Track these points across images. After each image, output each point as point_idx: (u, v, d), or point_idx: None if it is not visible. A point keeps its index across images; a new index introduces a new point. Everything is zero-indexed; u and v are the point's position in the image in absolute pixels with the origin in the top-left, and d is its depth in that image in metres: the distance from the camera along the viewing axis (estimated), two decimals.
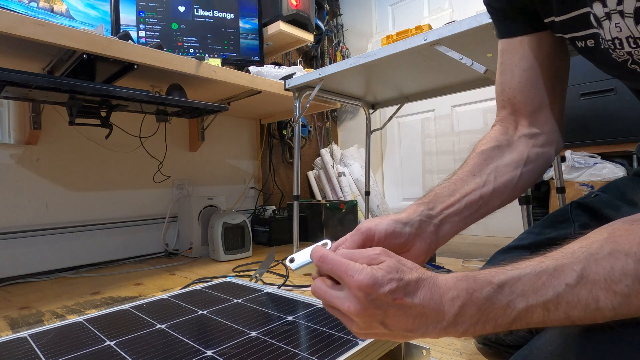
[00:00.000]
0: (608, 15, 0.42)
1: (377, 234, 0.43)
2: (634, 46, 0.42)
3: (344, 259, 0.35)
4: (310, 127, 2.61)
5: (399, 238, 0.43)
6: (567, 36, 0.49)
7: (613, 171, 1.64)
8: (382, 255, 0.35)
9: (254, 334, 0.62)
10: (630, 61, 0.44)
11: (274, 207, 2.21)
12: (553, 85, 0.54)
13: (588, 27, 0.45)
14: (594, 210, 0.57)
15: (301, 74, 1.57)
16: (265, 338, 0.59)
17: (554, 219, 0.61)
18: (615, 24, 0.41)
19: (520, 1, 0.52)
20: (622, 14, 0.40)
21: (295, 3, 1.82)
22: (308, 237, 2.04)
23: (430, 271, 0.35)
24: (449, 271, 1.10)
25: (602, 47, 0.45)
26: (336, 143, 2.78)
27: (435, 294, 0.33)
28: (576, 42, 0.49)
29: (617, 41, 0.43)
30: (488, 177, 0.52)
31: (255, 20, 1.75)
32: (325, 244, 0.42)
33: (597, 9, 0.42)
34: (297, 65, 2.22)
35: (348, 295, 0.34)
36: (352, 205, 2.12)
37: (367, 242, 0.42)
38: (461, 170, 0.53)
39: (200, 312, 0.74)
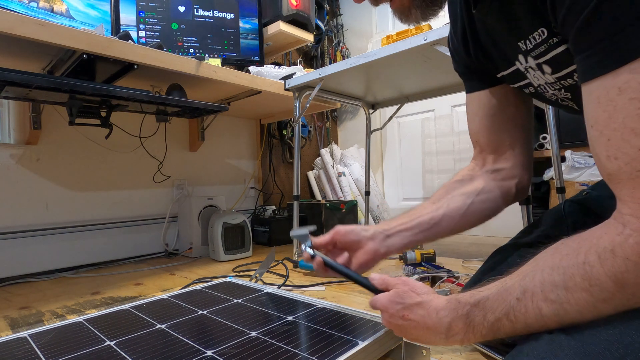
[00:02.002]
0: (526, 69, 0.52)
1: (341, 231, 0.62)
2: (553, 89, 0.52)
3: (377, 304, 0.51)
4: (310, 127, 2.60)
5: (355, 236, 0.61)
6: (515, 86, 0.59)
7: None
8: (400, 284, 0.50)
9: (254, 334, 0.62)
10: (559, 99, 0.54)
11: (274, 207, 2.21)
12: (510, 128, 0.63)
13: (523, 78, 0.55)
14: (585, 207, 0.61)
15: (301, 74, 1.57)
16: (265, 338, 0.59)
17: (548, 217, 0.65)
18: (533, 75, 0.52)
19: (475, 64, 0.62)
20: (532, 68, 0.51)
21: (295, 3, 1.82)
22: None
23: (432, 295, 0.47)
24: (449, 271, 1.10)
25: (538, 91, 0.56)
26: (336, 143, 2.78)
27: (431, 313, 0.45)
28: (523, 89, 0.58)
29: (541, 87, 0.54)
30: (442, 204, 0.63)
31: (255, 20, 1.75)
32: (311, 232, 0.64)
33: (519, 65, 0.53)
34: (297, 65, 2.22)
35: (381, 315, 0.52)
36: (352, 205, 2.12)
37: (335, 235, 0.62)
38: (426, 200, 0.67)
39: (200, 312, 0.74)
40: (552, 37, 0.44)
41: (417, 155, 2.45)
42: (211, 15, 1.64)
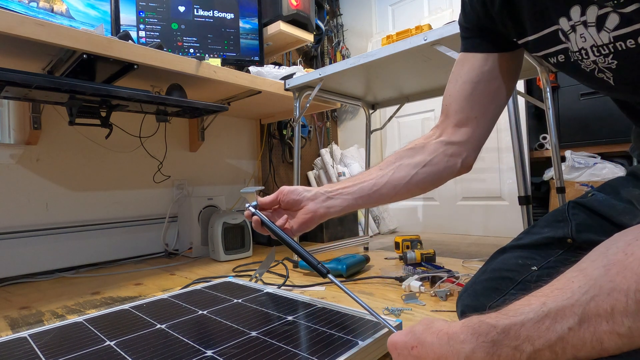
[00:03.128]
0: (573, 28, 0.46)
1: (284, 190, 0.64)
2: (597, 54, 0.46)
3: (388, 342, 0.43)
4: (310, 127, 2.60)
5: (297, 196, 0.63)
6: (540, 54, 0.54)
7: (613, 171, 1.64)
8: (419, 324, 0.42)
9: (254, 334, 0.62)
10: (597, 70, 0.48)
11: None
12: (485, 103, 0.61)
13: (557, 43, 0.50)
14: (590, 209, 0.59)
15: (301, 74, 1.57)
16: (265, 338, 0.59)
17: (551, 218, 0.63)
18: (580, 34, 0.46)
19: (487, 23, 0.57)
20: (585, 24, 0.44)
21: (295, 3, 1.82)
22: (308, 237, 2.04)
23: (446, 323, 0.39)
24: (449, 271, 1.10)
25: (572, 59, 0.50)
26: (336, 143, 2.78)
27: (443, 339, 0.37)
28: (549, 58, 0.54)
29: (583, 52, 0.48)
30: (387, 172, 0.63)
31: (255, 20, 1.75)
32: (259, 192, 0.68)
33: (564, 24, 0.47)
34: (297, 65, 2.22)
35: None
36: None
37: (279, 194, 0.64)
38: (375, 166, 0.67)
39: (200, 312, 0.74)
40: None
41: None
42: (211, 15, 1.64)
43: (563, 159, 1.76)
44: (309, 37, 1.96)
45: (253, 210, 0.65)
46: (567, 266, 0.37)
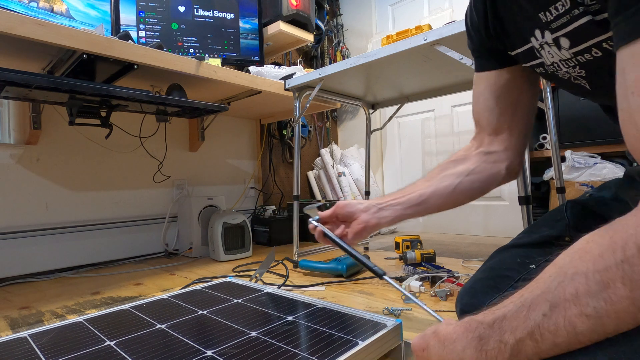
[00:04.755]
0: (541, 46, 0.52)
1: (340, 204, 0.70)
2: (567, 67, 0.51)
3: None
4: (310, 127, 2.60)
5: (351, 208, 0.69)
6: (527, 65, 0.59)
7: (613, 171, 1.64)
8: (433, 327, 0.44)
9: (254, 334, 0.62)
10: (572, 78, 0.53)
11: (274, 207, 2.21)
12: (511, 112, 0.64)
13: (534, 58, 0.56)
14: (587, 208, 0.61)
15: (301, 74, 1.57)
16: (265, 338, 0.59)
17: (549, 217, 0.65)
18: (547, 51, 0.52)
19: (490, 43, 0.63)
20: (548, 44, 0.50)
21: (295, 3, 1.82)
22: (308, 237, 2.04)
23: (447, 324, 0.42)
24: (449, 271, 1.10)
25: (549, 71, 0.55)
26: (336, 143, 2.77)
27: (442, 342, 0.40)
28: (535, 69, 0.58)
29: (555, 65, 0.53)
30: (432, 183, 0.67)
31: (255, 20, 1.75)
32: (320, 207, 0.76)
33: (534, 42, 0.53)
34: (297, 65, 2.22)
35: None
36: None
37: (336, 208, 0.70)
38: (421, 178, 0.70)
39: (200, 312, 0.74)
40: (575, 7, 0.43)
41: (417, 155, 2.45)
42: (211, 15, 1.64)
43: (563, 159, 1.76)
44: (309, 37, 1.96)
45: (316, 223, 0.72)
46: None
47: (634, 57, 0.33)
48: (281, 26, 1.79)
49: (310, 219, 0.73)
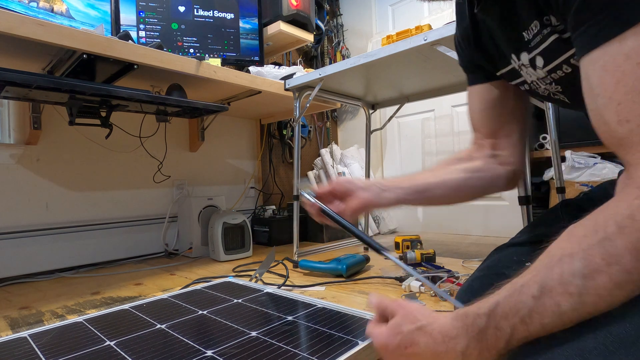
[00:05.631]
0: (520, 67, 0.55)
1: (340, 180, 0.65)
2: (544, 84, 0.54)
3: (369, 328, 0.46)
4: (310, 127, 2.60)
5: (351, 186, 0.64)
6: (512, 83, 0.61)
7: (613, 171, 1.64)
8: (398, 309, 0.44)
9: (254, 334, 0.62)
10: (551, 94, 0.56)
11: (274, 207, 2.21)
12: (508, 121, 0.66)
13: (517, 77, 0.58)
14: (581, 208, 0.61)
15: (301, 74, 1.57)
16: (265, 338, 0.59)
17: (545, 217, 0.66)
18: (526, 72, 0.55)
19: (476, 60, 0.66)
20: (524, 65, 0.54)
21: (295, 3, 1.82)
22: (308, 237, 2.04)
23: (433, 316, 0.41)
24: (449, 271, 1.10)
25: (531, 88, 0.58)
26: (336, 143, 2.77)
27: (437, 338, 0.39)
28: (519, 86, 0.61)
29: (534, 83, 0.56)
30: (440, 174, 0.66)
31: (255, 20, 1.75)
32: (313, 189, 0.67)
33: (514, 64, 0.56)
34: (297, 65, 2.22)
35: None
36: None
37: (334, 184, 0.65)
38: (427, 169, 0.70)
39: (200, 312, 0.74)
40: (544, 28, 0.47)
41: (417, 155, 2.45)
42: (211, 15, 1.64)
43: (563, 159, 1.76)
44: (309, 37, 1.96)
45: (312, 199, 0.66)
46: None
47: (593, 63, 0.37)
48: (281, 26, 1.79)
49: (304, 193, 0.68)
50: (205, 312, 0.74)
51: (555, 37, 0.46)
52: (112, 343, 0.61)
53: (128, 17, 1.48)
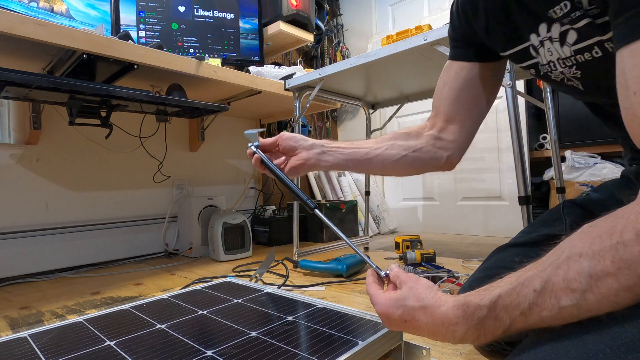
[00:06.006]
0: (542, 43, 0.52)
1: (284, 135, 0.68)
2: (563, 66, 0.52)
3: (373, 290, 0.49)
4: (310, 127, 2.60)
5: (294, 142, 0.67)
6: (520, 66, 0.60)
7: (613, 171, 1.64)
8: (405, 284, 0.46)
9: (254, 334, 0.62)
10: (565, 79, 0.54)
11: (274, 207, 2.21)
12: (469, 107, 0.67)
13: (528, 58, 0.56)
14: (584, 208, 0.62)
15: (301, 74, 1.57)
16: (265, 338, 0.59)
17: (547, 217, 0.66)
18: (547, 49, 0.52)
19: (472, 36, 0.64)
20: (551, 39, 0.51)
21: (295, 3, 1.82)
22: (308, 237, 2.04)
23: (437, 297, 0.43)
24: (449, 271, 1.10)
25: (542, 72, 0.57)
26: None
27: (437, 321, 0.41)
28: (528, 69, 0.59)
29: (551, 64, 0.54)
30: (382, 145, 0.69)
31: (255, 20, 1.75)
32: (261, 133, 0.69)
33: (534, 39, 0.53)
34: (297, 65, 2.22)
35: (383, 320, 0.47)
36: (352, 205, 2.12)
37: (279, 139, 0.68)
38: (372, 138, 0.73)
39: (200, 312, 0.74)
40: (575, 10, 0.44)
41: None
42: (211, 15, 1.64)
43: (563, 159, 1.76)
44: (309, 37, 1.96)
45: (254, 149, 0.69)
46: None
47: (634, 57, 0.34)
48: (281, 26, 1.79)
49: (250, 144, 0.70)
50: (205, 312, 0.74)
51: (586, 22, 0.43)
52: (112, 343, 0.61)
53: (128, 17, 1.48)
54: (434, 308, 0.42)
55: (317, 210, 0.62)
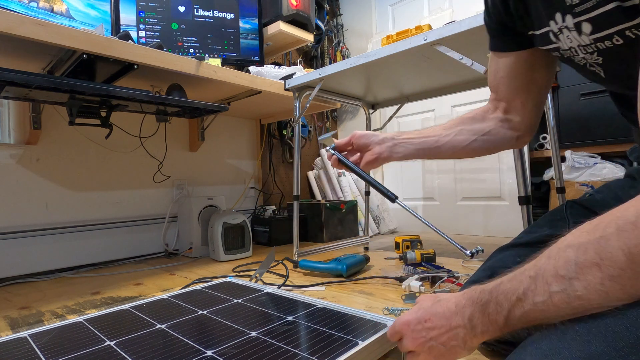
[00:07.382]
0: (560, 30, 0.52)
1: (357, 134, 0.74)
2: (584, 52, 0.52)
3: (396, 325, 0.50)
4: (310, 127, 2.60)
5: (366, 139, 0.73)
6: (543, 48, 0.60)
7: (613, 171, 1.64)
8: (423, 298, 0.50)
9: (254, 334, 0.62)
10: (587, 64, 0.54)
11: (274, 207, 2.21)
12: (527, 90, 0.66)
13: (549, 42, 0.56)
14: (587, 208, 0.61)
15: (301, 74, 1.57)
16: (265, 338, 0.59)
17: (550, 217, 0.65)
18: (567, 36, 0.52)
19: (509, 22, 0.62)
20: (568, 28, 0.51)
21: (295, 3, 1.82)
22: (308, 237, 2.04)
23: (449, 295, 0.46)
24: (449, 271, 1.10)
25: (565, 56, 0.56)
26: None
27: (450, 307, 0.44)
28: (551, 52, 0.59)
29: (572, 50, 0.53)
30: (450, 132, 0.71)
31: (255, 20, 1.75)
32: (334, 135, 0.76)
33: (553, 26, 0.53)
34: (297, 65, 2.22)
35: (404, 340, 0.49)
36: (352, 205, 2.12)
37: (352, 137, 0.75)
38: (439, 125, 0.74)
39: (200, 312, 0.74)
40: None
41: None
42: (211, 15, 1.64)
43: (563, 159, 1.76)
44: (309, 37, 1.96)
45: (332, 152, 0.76)
46: None
47: None
48: (281, 26, 1.79)
49: (327, 147, 0.77)
50: (205, 312, 0.74)
51: (615, 5, 0.43)
52: (112, 343, 0.61)
53: (128, 17, 1.48)
54: (448, 298, 0.45)
55: (398, 200, 0.67)
